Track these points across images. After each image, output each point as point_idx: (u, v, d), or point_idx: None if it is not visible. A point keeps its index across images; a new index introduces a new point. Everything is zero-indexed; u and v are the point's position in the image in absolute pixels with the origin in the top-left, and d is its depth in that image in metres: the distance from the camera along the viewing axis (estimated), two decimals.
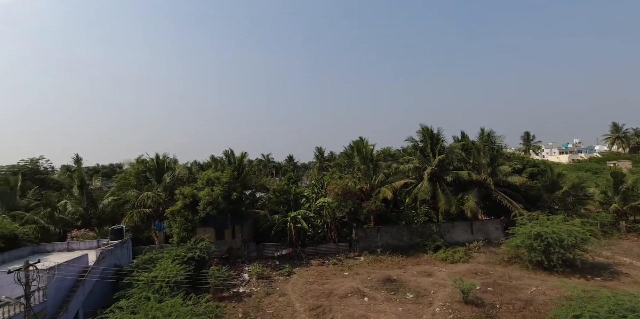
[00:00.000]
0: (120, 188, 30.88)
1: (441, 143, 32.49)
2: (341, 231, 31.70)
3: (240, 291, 22.85)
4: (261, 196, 33.10)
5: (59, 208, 28.91)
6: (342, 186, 29.05)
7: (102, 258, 19.88)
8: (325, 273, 25.54)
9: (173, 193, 29.66)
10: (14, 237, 21.63)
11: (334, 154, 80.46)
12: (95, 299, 18.85)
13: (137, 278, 19.06)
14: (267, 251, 29.73)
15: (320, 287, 22.56)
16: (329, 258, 28.63)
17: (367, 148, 33.48)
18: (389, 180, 31.71)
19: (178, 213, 26.80)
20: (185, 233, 26.17)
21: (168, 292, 17.84)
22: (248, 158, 34.91)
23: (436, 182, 30.63)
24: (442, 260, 26.93)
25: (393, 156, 48.48)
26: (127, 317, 14.40)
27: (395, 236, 30.87)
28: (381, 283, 22.13)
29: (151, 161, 31.91)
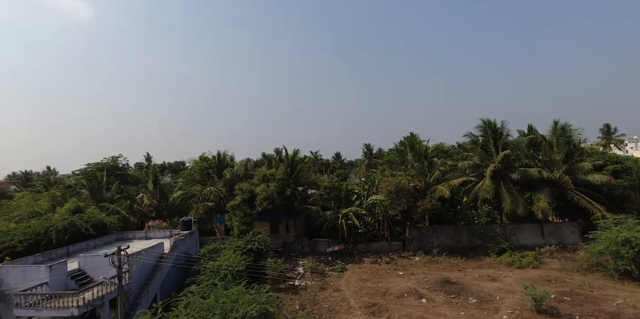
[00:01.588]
0: (187, 183, 33.69)
1: (505, 138, 29.95)
2: (394, 229, 30.98)
3: (295, 284, 23.59)
4: (313, 193, 33.71)
5: (137, 201, 32.59)
6: (395, 184, 28.34)
7: (175, 247, 21.94)
8: (378, 272, 25.23)
9: (232, 188, 31.60)
10: (103, 225, 24.87)
11: (383, 151, 78.83)
12: (170, 283, 20.87)
13: (204, 265, 20.68)
14: (319, 246, 30.25)
15: (374, 285, 22.35)
16: (382, 257, 28.20)
17: (420, 145, 32.23)
18: (445, 178, 30.16)
19: (237, 207, 28.49)
20: (244, 226, 27.73)
21: (231, 280, 19.06)
22: (300, 156, 35.74)
23: (500, 180, 28.35)
24: (508, 264, 24.94)
25: (447, 152, 46.07)
26: (199, 301, 15.67)
27: (452, 237, 29.32)
28: (439, 285, 21.21)
29: (213, 158, 34.28)
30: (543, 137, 30.61)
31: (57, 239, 21.21)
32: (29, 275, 17.29)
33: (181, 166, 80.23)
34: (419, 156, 30.60)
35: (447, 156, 44.66)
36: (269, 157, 63.47)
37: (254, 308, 14.54)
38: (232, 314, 14.24)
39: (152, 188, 34.00)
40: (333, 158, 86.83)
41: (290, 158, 32.82)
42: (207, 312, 14.60)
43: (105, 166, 40.54)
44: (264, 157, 70.28)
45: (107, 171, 38.04)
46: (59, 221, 22.28)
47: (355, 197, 32.70)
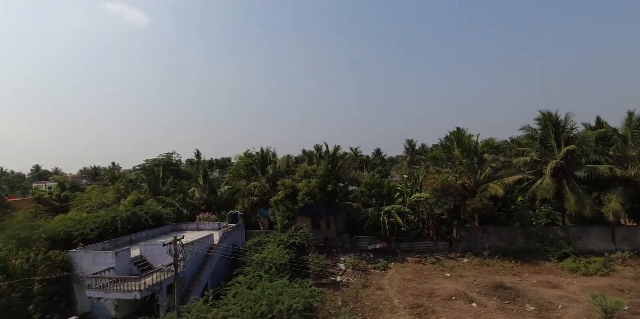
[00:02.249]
0: (233, 178, 35.24)
1: (570, 132, 27.05)
2: (439, 229, 29.64)
3: (337, 280, 23.61)
4: (353, 189, 33.40)
5: (189, 194, 34.85)
6: (441, 181, 27.02)
7: (223, 238, 23.08)
8: (423, 272, 24.34)
9: (275, 184, 32.42)
10: (160, 217, 26.95)
11: (426, 147, 75.79)
12: (219, 273, 22.03)
13: (250, 257, 21.47)
14: (360, 243, 29.95)
15: (419, 285, 21.60)
16: (426, 257, 27.15)
17: (469, 140, 30.34)
18: (498, 175, 28.09)
19: (280, 202, 29.16)
20: (287, 221, 28.32)
21: (276, 273, 19.57)
22: (340, 152, 35.55)
23: (562, 178, 25.71)
24: (571, 270, 22.65)
25: (498, 148, 42.94)
26: (246, 291, 16.31)
27: (505, 239, 27.30)
28: (492, 289, 19.88)
29: (256, 155, 35.43)
30: (615, 130, 27.13)
31: (122, 228, 23.39)
32: (98, 260, 19.27)
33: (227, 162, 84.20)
34: (468, 152, 28.81)
35: (498, 152, 41.70)
36: (309, 153, 64.15)
37: (298, 301, 14.76)
38: (278, 306, 14.58)
39: (202, 183, 36.11)
40: (373, 154, 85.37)
41: (331, 155, 32.76)
42: (254, 302, 15.12)
43: (161, 163, 43.84)
44: (304, 154, 71.21)
45: (162, 167, 41.12)
46: (123, 212, 24.55)
47: (397, 194, 31.81)
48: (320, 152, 62.39)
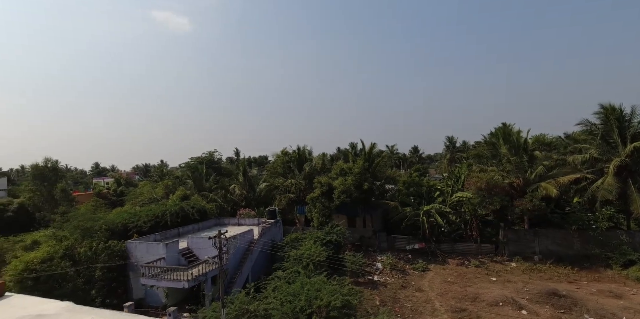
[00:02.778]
0: (271, 175, 36.16)
1: (636, 127, 24.23)
2: (484, 230, 28.08)
3: (374, 279, 23.33)
4: (390, 188, 32.72)
5: (230, 191, 36.40)
6: (486, 180, 25.57)
7: (263, 234, 23.81)
8: (466, 275, 23.24)
9: (311, 181, 32.72)
10: (205, 211, 28.44)
11: (467, 144, 72.15)
12: (258, 267, 22.76)
13: (288, 253, 21.93)
14: (398, 243, 29.30)
15: (462, 289, 20.66)
16: (469, 259, 25.87)
17: (517, 136, 28.36)
18: (551, 174, 25.93)
19: (317, 200, 29.39)
20: (323, 218, 28.49)
21: (313, 269, 19.79)
22: (378, 150, 34.96)
23: (627, 177, 23.12)
24: (638, 279, 20.34)
25: (550, 145, 39.67)
26: (285, 285, 16.67)
27: (560, 243, 25.19)
28: (544, 297, 18.46)
29: (293, 152, 36.01)
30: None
31: (171, 221, 25.01)
32: (151, 250, 20.78)
33: (264, 160, 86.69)
34: (516, 149, 26.92)
35: (550, 149, 38.54)
36: (344, 151, 63.86)
37: (337, 298, 14.80)
38: (317, 302, 14.73)
39: (242, 180, 37.52)
40: (410, 152, 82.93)
41: (367, 152, 32.34)
42: (293, 297, 15.42)
43: (204, 160, 46.17)
44: (338, 151, 71.12)
45: (205, 165, 43.30)
46: (172, 207, 26.25)
47: (437, 194, 30.62)
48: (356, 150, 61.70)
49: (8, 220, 38.45)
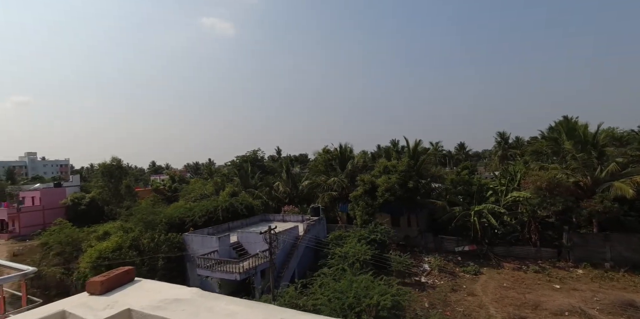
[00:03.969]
0: (313, 173, 36.61)
1: None
2: (544, 233, 25.86)
3: (422, 281, 22.63)
4: (438, 186, 31.42)
5: (274, 188, 37.55)
6: (547, 179, 23.48)
7: (307, 230, 24.22)
8: (524, 281, 21.61)
9: (353, 179, 32.56)
10: (252, 207, 29.65)
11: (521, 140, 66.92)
12: (304, 263, 23.20)
13: (333, 250, 22.05)
14: (446, 244, 28.09)
15: (520, 296, 19.26)
16: (527, 264, 24.01)
17: (584, 130, 25.63)
18: (625, 172, 23.13)
19: (360, 198, 29.18)
20: (366, 217, 28.22)
21: (359, 268, 19.69)
22: (422, 147, 33.75)
23: None
24: None
25: (620, 140, 35.49)
26: (332, 282, 16.81)
27: (636, 249, 22.39)
28: (619, 308, 16.57)
29: (334, 150, 36.08)
30: None
31: (222, 216, 26.41)
32: (205, 243, 22.14)
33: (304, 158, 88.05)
34: (583, 144, 24.36)
35: (620, 144, 34.44)
36: (386, 148, 62.63)
37: (386, 298, 14.59)
38: (366, 300, 14.65)
39: (285, 178, 38.48)
40: (456, 149, 78.81)
41: (412, 150, 31.37)
42: (341, 294, 15.48)
43: (248, 159, 48.10)
44: (379, 149, 69.85)
45: (249, 163, 45.08)
46: (222, 202, 27.73)
47: (490, 193, 28.80)
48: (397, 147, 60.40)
49: (81, 212, 43.37)
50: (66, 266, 24.97)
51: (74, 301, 1.81)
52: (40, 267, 23.95)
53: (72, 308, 1.72)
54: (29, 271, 2.62)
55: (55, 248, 26.17)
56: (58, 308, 1.71)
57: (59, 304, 1.79)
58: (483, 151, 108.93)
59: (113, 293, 1.90)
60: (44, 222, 40.68)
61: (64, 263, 25.46)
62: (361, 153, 46.75)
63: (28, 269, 2.63)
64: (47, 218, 41.32)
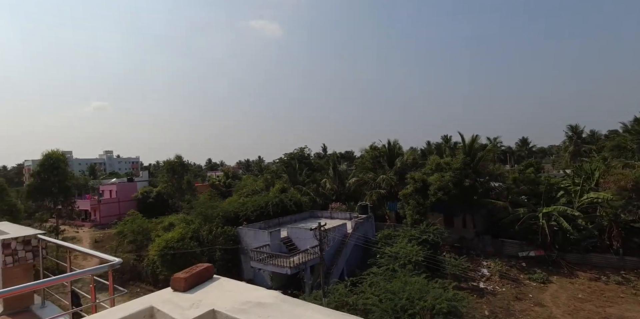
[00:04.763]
0: (360, 171, 36.18)
1: None
2: (629, 240, 22.52)
3: (480, 286, 21.13)
4: (498, 185, 29.03)
5: (321, 185, 37.88)
6: (633, 178, 20.42)
7: (356, 228, 24.00)
8: (604, 292, 19.06)
9: (402, 177, 31.49)
10: (300, 204, 30.24)
11: (597, 133, 59.12)
12: (352, 261, 23.04)
13: (382, 250, 21.55)
14: (507, 248, 25.89)
15: (599, 309, 17.04)
16: (607, 274, 21.14)
17: None
18: None
19: (410, 196, 28.13)
20: (417, 216, 27.14)
21: (411, 269, 18.98)
22: (479, 143, 31.38)
23: None
24: None
25: None
26: (383, 282, 16.42)
27: None
28: None
29: (382, 147, 35.21)
30: None
31: (273, 211, 27.33)
32: (258, 237, 23.06)
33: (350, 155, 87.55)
34: None
35: None
36: (437, 145, 59.64)
37: (442, 302, 13.85)
38: (420, 303, 14.06)
39: (332, 175, 38.58)
40: (517, 144, 72.12)
41: (468, 146, 29.32)
42: (393, 295, 15.04)
43: (296, 156, 49.13)
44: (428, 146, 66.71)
45: (297, 160, 46.01)
46: (273, 198, 28.66)
47: (561, 193, 25.85)
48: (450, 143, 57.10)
49: (149, 205, 48.02)
50: (138, 254, 27.83)
51: (161, 297, 1.86)
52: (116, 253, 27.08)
53: (159, 304, 1.76)
54: (115, 262, 2.81)
55: (129, 237, 29.29)
56: (147, 304, 1.76)
57: (147, 299, 1.84)
58: (549, 147, 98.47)
59: (195, 290, 1.92)
60: (119, 213, 45.87)
61: (136, 250, 28.41)
62: (410, 150, 45.06)
63: (115, 260, 2.82)
64: (121, 209, 46.53)
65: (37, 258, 4.24)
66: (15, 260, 4.04)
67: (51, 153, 30.63)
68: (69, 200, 33.27)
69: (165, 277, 23.87)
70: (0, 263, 3.99)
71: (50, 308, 4.03)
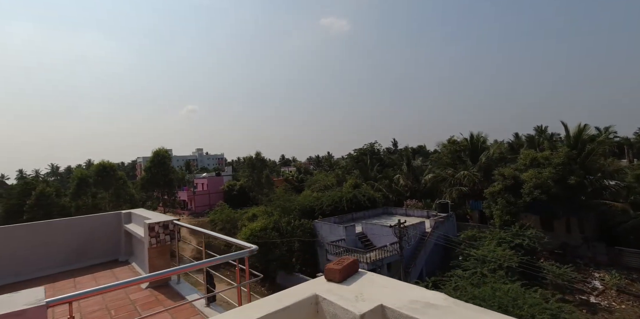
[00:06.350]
0: (437, 166, 34.04)
1: None
2: None
3: (591, 301, 18.06)
4: (615, 183, 24.28)
5: (394, 181, 36.81)
6: None
7: (436, 227, 22.69)
8: None
9: (488, 173, 28.60)
10: (374, 200, 29.87)
11: None
12: (432, 262, 21.88)
13: (466, 251, 19.95)
14: (627, 258, 21.57)
15: None
16: None
17: None
18: None
19: (498, 195, 25.40)
20: (508, 217, 24.39)
21: (503, 275, 17.16)
22: (588, 134, 26.58)
23: None
24: None
25: None
26: (470, 287, 15.20)
27: None
28: None
29: (463, 141, 32.46)
30: None
31: (347, 207, 27.56)
32: (333, 231, 23.53)
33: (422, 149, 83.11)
34: None
35: None
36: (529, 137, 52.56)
37: (544, 312, 12.20)
38: (515, 310, 12.64)
39: (406, 171, 37.16)
40: (637, 135, 59.34)
41: (574, 137, 25.11)
42: (482, 301, 13.81)
43: (366, 151, 48.64)
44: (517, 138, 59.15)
45: (368, 155, 45.49)
46: (346, 194, 28.89)
47: None
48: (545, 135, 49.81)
49: (233, 197, 53.01)
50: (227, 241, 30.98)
51: (319, 286, 1.91)
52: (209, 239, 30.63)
53: (322, 292, 1.80)
54: (253, 248, 3.05)
55: (219, 225, 32.79)
56: (310, 291, 1.82)
57: (308, 287, 1.91)
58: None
59: (349, 282, 1.93)
60: (209, 203, 51.72)
61: None
62: (496, 143, 40.65)
63: (252, 247, 3.06)
64: (211, 200, 52.38)
65: (173, 241, 4.94)
66: (157, 241, 4.77)
67: (158, 151, 35.96)
68: (172, 191, 38.65)
69: (251, 263, 26.13)
70: (147, 243, 4.75)
71: (184, 285, 4.66)
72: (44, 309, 1.84)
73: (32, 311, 1.79)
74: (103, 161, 35.81)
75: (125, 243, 6.29)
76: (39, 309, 1.82)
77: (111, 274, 5.45)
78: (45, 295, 1.97)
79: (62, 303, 1.97)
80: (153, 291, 4.44)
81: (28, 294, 2.00)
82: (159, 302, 4.16)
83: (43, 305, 1.85)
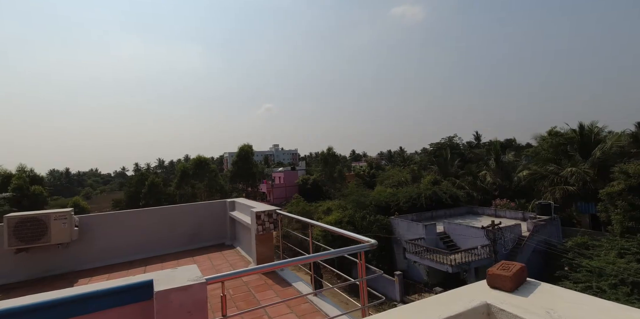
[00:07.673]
0: (535, 162, 29.78)
1: None
2: None
3: None
4: None
5: (479, 178, 33.45)
6: None
7: (535, 231, 19.88)
8: None
9: (605, 170, 23.82)
10: (456, 197, 27.62)
11: None
12: (529, 269, 19.16)
13: (576, 261, 17.01)
14: None
15: None
16: None
17: None
18: None
19: (619, 196, 20.99)
20: (631, 223, 20.04)
21: (628, 292, 14.17)
22: None
23: None
24: None
25: None
26: None
27: None
28: None
29: (570, 132, 27.65)
30: None
31: (425, 204, 26.07)
32: (411, 229, 22.51)
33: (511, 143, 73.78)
34: None
35: None
36: None
37: None
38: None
39: (493, 167, 33.39)
40: None
41: None
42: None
43: (443, 146, 45.22)
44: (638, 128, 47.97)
45: (448, 150, 42.24)
46: (425, 190, 27.31)
47: None
48: None
49: (307, 190, 54.93)
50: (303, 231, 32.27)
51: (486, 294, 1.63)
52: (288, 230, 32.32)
53: (494, 302, 1.52)
54: (373, 242, 2.89)
55: None
56: (480, 299, 1.56)
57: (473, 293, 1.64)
58: None
59: (524, 293, 1.60)
60: (285, 196, 54.60)
61: (302, 228, 32.99)
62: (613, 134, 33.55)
63: (372, 241, 2.90)
64: (287, 193, 55.22)
65: (276, 229, 5.14)
66: (264, 229, 5.02)
67: (243, 147, 39.26)
68: (255, 183, 41.89)
69: None
70: (254, 230, 5.03)
71: (288, 272, 4.80)
72: (204, 285, 1.98)
73: (196, 287, 1.93)
74: (199, 156, 40.95)
75: (230, 228, 6.86)
76: (201, 286, 1.95)
77: (221, 256, 5.98)
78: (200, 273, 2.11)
79: (217, 281, 2.08)
80: (262, 275, 4.69)
81: (185, 271, 2.17)
82: (268, 286, 4.36)
83: (204, 282, 1.97)
